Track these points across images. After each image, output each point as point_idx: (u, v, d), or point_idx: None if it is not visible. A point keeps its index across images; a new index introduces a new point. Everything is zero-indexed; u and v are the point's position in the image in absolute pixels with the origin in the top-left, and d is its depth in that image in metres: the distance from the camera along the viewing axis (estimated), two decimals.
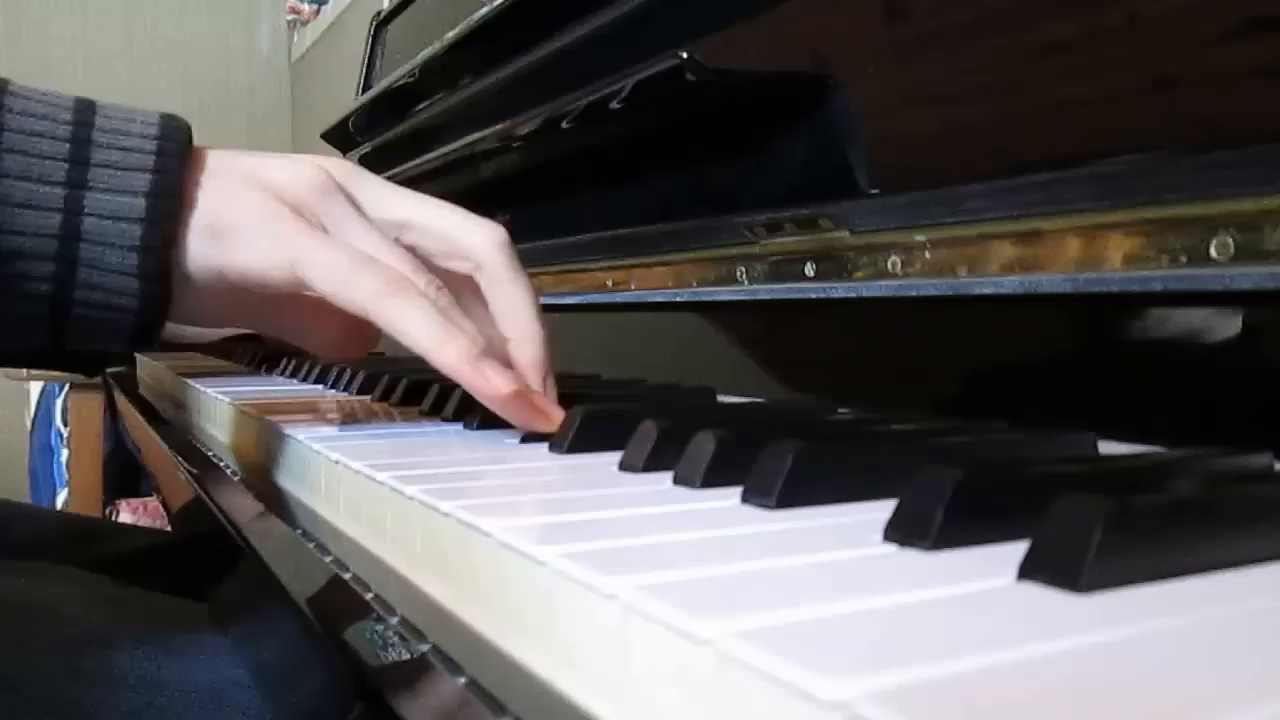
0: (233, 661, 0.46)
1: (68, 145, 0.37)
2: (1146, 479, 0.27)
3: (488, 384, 0.38)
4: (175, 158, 0.38)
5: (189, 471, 0.56)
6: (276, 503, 0.45)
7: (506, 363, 0.42)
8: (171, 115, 0.41)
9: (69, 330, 0.38)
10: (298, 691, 0.36)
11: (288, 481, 0.45)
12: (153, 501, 1.69)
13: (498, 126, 0.72)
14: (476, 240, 0.43)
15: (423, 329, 0.38)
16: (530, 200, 0.82)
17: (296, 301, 0.43)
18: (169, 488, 0.69)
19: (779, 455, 0.27)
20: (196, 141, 0.42)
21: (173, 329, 0.42)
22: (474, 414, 0.46)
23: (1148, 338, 0.34)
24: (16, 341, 0.38)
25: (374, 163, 1.17)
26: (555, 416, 0.40)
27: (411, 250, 0.42)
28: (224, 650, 0.47)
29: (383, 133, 1.15)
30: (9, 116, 0.37)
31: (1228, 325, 0.32)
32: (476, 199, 0.89)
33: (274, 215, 0.39)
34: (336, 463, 0.37)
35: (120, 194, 0.37)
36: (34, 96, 0.38)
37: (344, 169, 0.43)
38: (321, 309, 0.42)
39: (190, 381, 0.77)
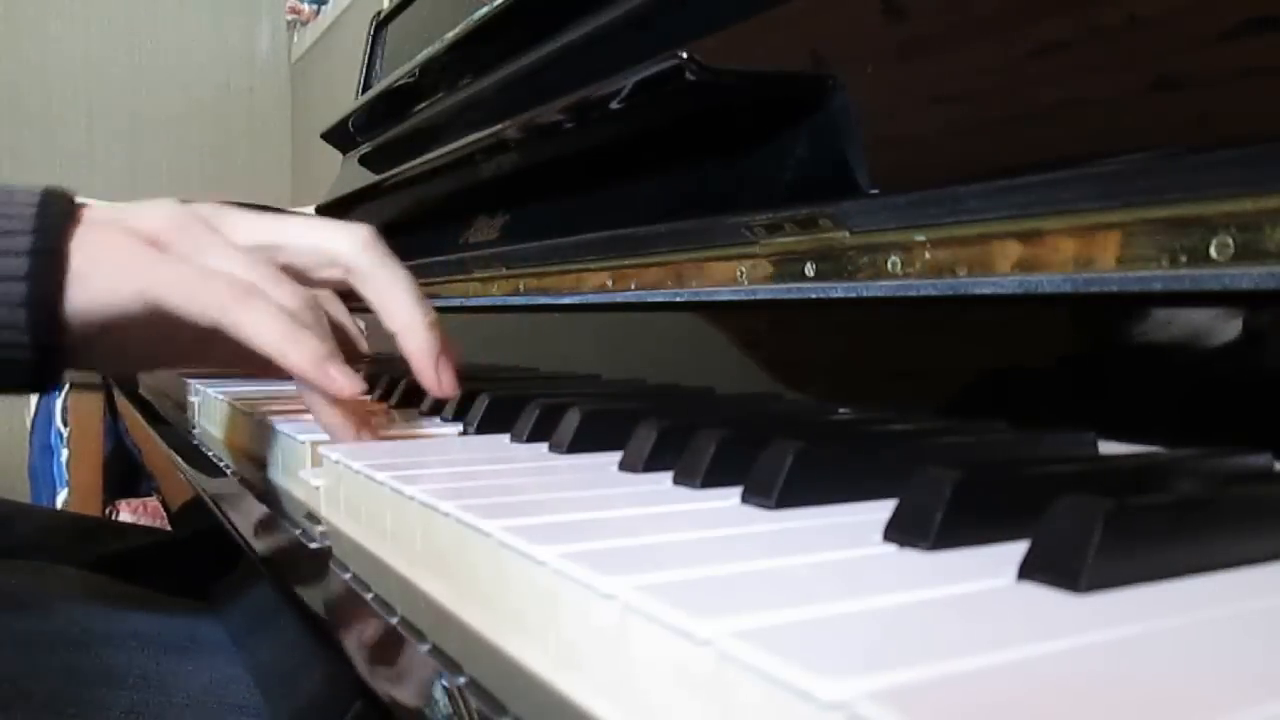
0: (232, 660, 0.46)
1: None
2: (1146, 479, 0.27)
3: (332, 383, 0.40)
4: (55, 218, 0.41)
5: (189, 471, 0.56)
6: (274, 501, 0.45)
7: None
8: (53, 188, 0.43)
9: None
10: (297, 690, 0.36)
11: (286, 480, 0.45)
12: (153, 501, 1.69)
13: (498, 126, 0.72)
14: (341, 246, 0.45)
15: (269, 333, 0.40)
16: (530, 200, 0.82)
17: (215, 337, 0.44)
18: (169, 488, 0.69)
19: (779, 455, 0.27)
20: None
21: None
22: (473, 414, 0.46)
23: (1147, 338, 0.34)
24: None
25: (374, 163, 1.17)
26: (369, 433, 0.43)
27: (285, 269, 0.44)
28: (223, 649, 0.47)
29: (383, 132, 1.15)
30: None
31: (1228, 325, 0.32)
32: (476, 199, 0.89)
33: (127, 249, 0.41)
34: (336, 463, 0.37)
35: (4, 256, 0.39)
36: None
37: (209, 207, 0.45)
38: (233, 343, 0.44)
39: (191, 381, 0.77)
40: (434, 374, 0.44)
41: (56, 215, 0.41)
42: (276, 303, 0.40)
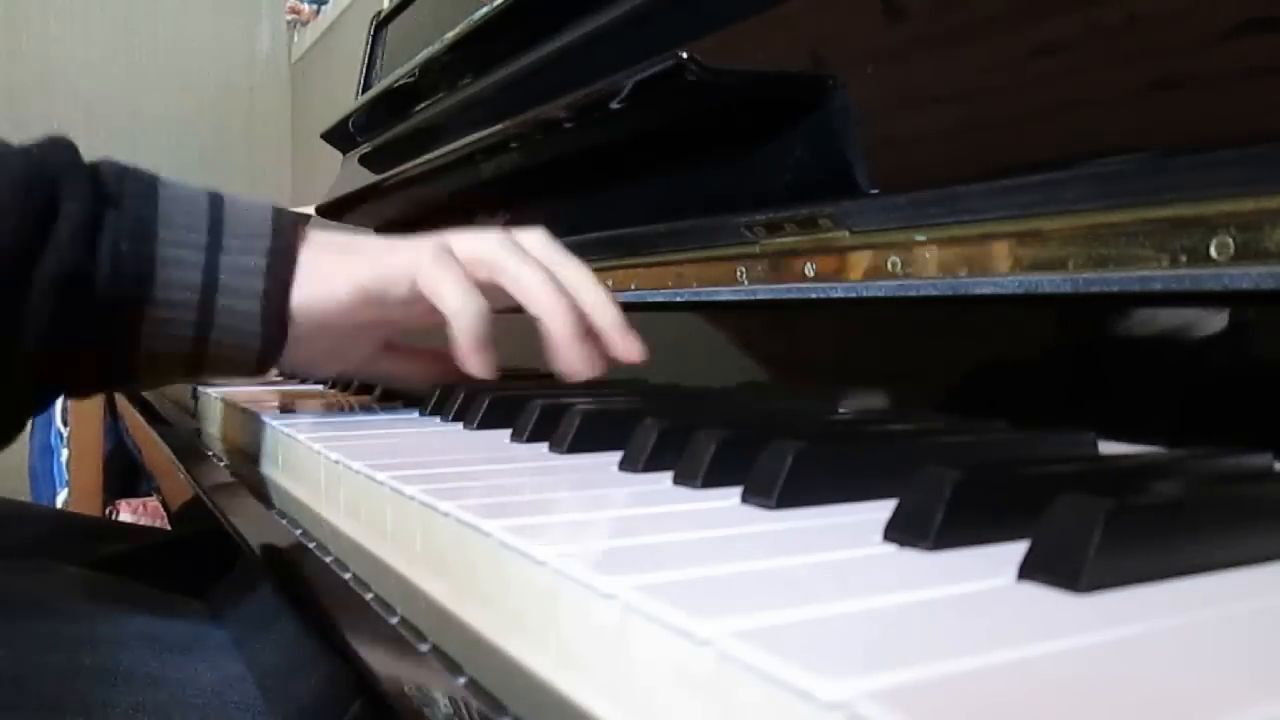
0: (233, 659, 0.46)
1: (207, 221, 0.46)
2: (1146, 479, 0.27)
3: (478, 366, 0.48)
4: (288, 229, 0.48)
5: (188, 471, 0.56)
6: (273, 503, 0.45)
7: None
8: (281, 208, 0.50)
9: (205, 367, 0.47)
10: (297, 688, 0.36)
11: (286, 480, 0.45)
12: (153, 501, 1.69)
13: (498, 126, 0.72)
14: (482, 247, 0.49)
15: (454, 295, 0.47)
16: (530, 200, 0.82)
17: (393, 348, 0.54)
18: (169, 488, 0.69)
19: (779, 455, 0.27)
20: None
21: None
22: (474, 414, 0.46)
23: (1147, 338, 0.34)
24: (162, 379, 0.48)
25: (374, 163, 1.17)
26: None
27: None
28: (224, 647, 0.47)
29: (383, 133, 1.15)
30: (163, 201, 0.46)
31: (1228, 325, 0.32)
32: (476, 199, 0.89)
33: (341, 258, 0.49)
34: (336, 462, 0.37)
35: (247, 254, 0.46)
36: (178, 187, 0.47)
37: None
38: (414, 352, 0.55)
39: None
40: (577, 356, 0.49)
41: (287, 227, 0.48)
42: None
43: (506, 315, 0.49)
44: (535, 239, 0.51)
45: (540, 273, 0.48)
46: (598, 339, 0.49)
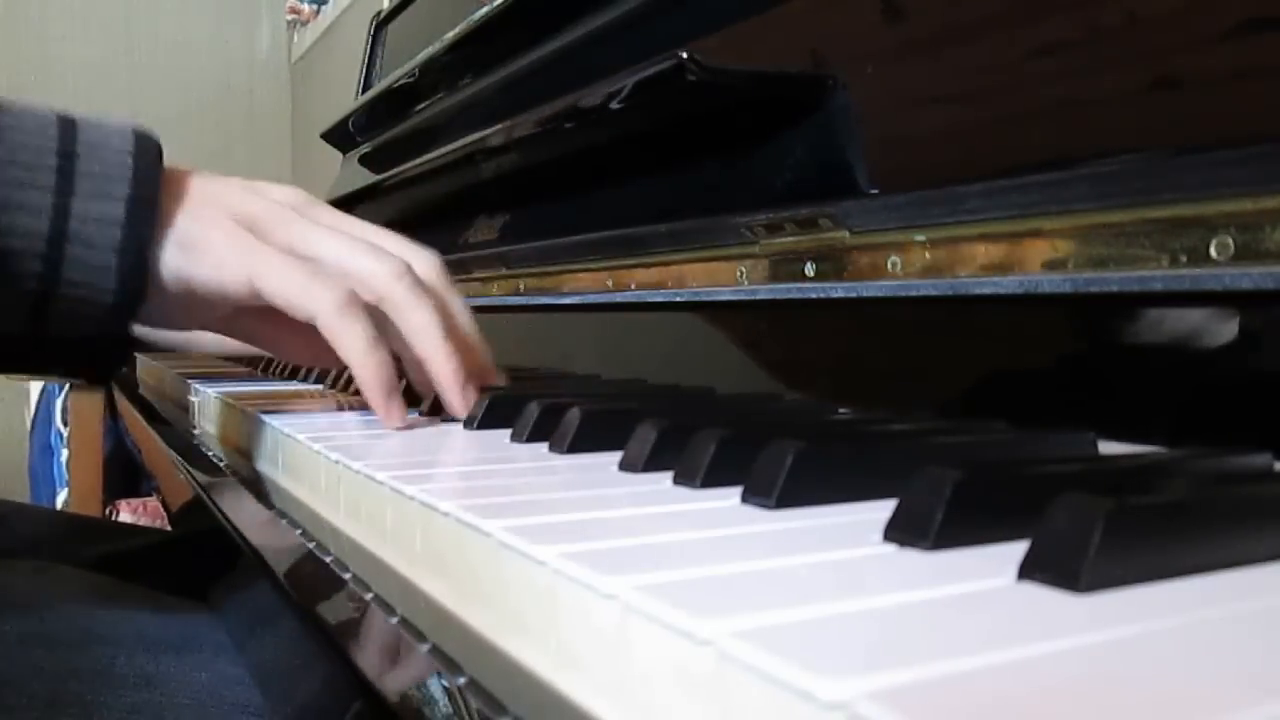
0: (232, 659, 0.46)
1: (55, 158, 0.41)
2: (1146, 479, 0.27)
3: (387, 415, 0.45)
4: (150, 170, 0.42)
5: (188, 470, 0.56)
6: (272, 503, 0.45)
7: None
8: (142, 130, 0.44)
9: (49, 319, 0.42)
10: (297, 689, 0.36)
11: (286, 480, 0.45)
12: (153, 501, 1.69)
13: (498, 126, 0.72)
14: (376, 276, 0.46)
15: (359, 348, 0.44)
16: (530, 200, 0.82)
17: (267, 312, 0.46)
18: (169, 488, 0.69)
19: (779, 455, 0.27)
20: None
21: (154, 334, 0.46)
22: (473, 414, 0.46)
23: (1147, 338, 0.34)
24: (3, 326, 0.42)
25: (374, 163, 1.17)
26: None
27: None
28: (224, 648, 0.47)
29: (383, 132, 1.15)
30: (5, 133, 0.40)
31: (1228, 325, 0.32)
32: (476, 199, 0.89)
33: (234, 234, 0.44)
34: (336, 462, 0.37)
35: (102, 200, 0.41)
36: (24, 113, 0.42)
37: (296, 196, 0.48)
38: (293, 320, 0.47)
39: (190, 381, 0.77)
40: (459, 398, 0.47)
41: (150, 166, 0.42)
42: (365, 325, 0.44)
43: (507, 315, 0.49)
44: (430, 268, 0.49)
45: (431, 315, 0.46)
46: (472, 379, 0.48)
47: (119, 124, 0.44)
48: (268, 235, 0.45)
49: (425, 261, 0.49)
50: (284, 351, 0.53)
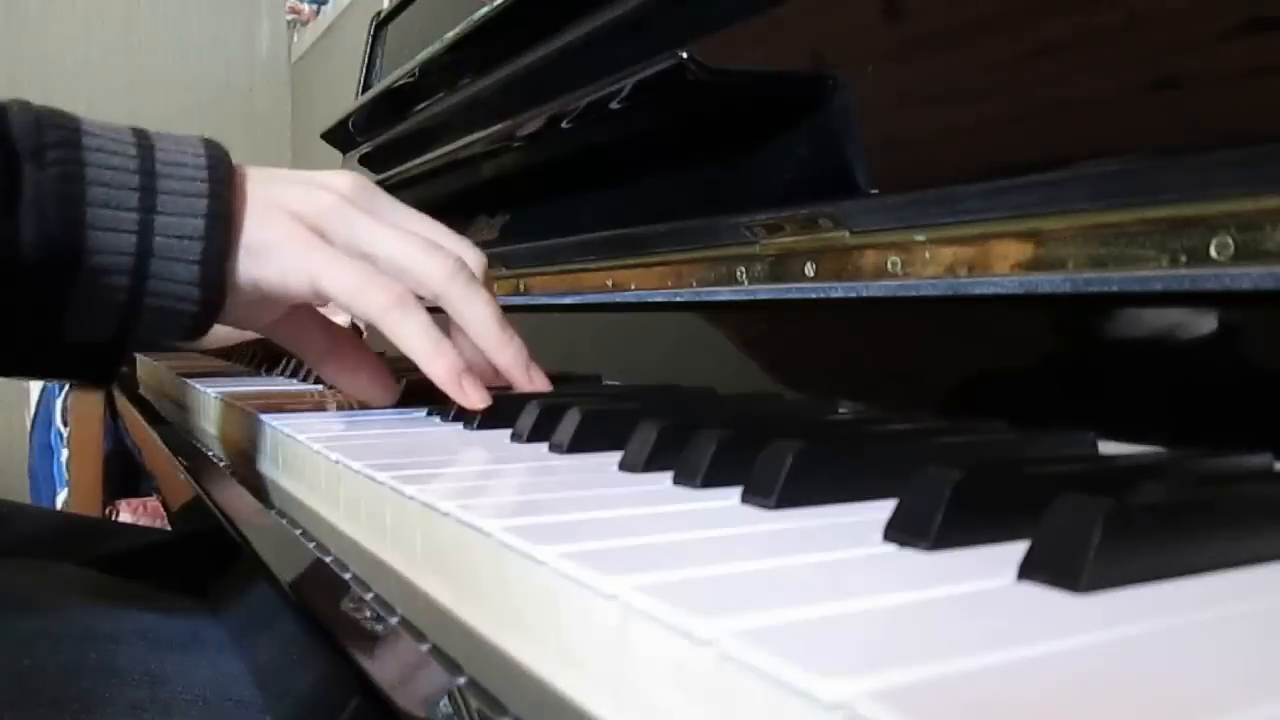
0: (232, 657, 0.46)
1: (138, 177, 0.43)
2: (1146, 479, 0.27)
3: (465, 398, 0.46)
4: (224, 184, 0.45)
5: (188, 470, 0.56)
6: (272, 502, 0.45)
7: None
8: (213, 143, 0.47)
9: (135, 329, 0.45)
10: (296, 687, 0.36)
11: (286, 480, 0.45)
12: (153, 501, 1.69)
13: (498, 126, 0.72)
14: (431, 275, 0.47)
15: (420, 341, 0.46)
16: (530, 200, 0.82)
17: (298, 314, 0.50)
18: (169, 487, 0.69)
19: (779, 455, 0.27)
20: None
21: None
22: (474, 414, 0.46)
23: (1147, 338, 0.34)
24: (89, 335, 0.45)
25: (374, 162, 1.17)
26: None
27: None
28: (224, 646, 0.47)
29: (383, 132, 1.15)
30: (87, 154, 0.43)
31: (1228, 325, 0.32)
32: (476, 199, 0.89)
33: (296, 235, 0.46)
34: (336, 462, 0.37)
35: (183, 217, 0.44)
36: (103, 134, 0.44)
37: (354, 186, 0.49)
38: (313, 324, 0.51)
39: (190, 381, 0.77)
40: (526, 379, 0.50)
41: (224, 180, 0.45)
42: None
43: (507, 315, 0.49)
44: (479, 262, 0.50)
45: (487, 307, 0.48)
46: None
47: (190, 139, 0.46)
48: (328, 234, 0.47)
49: (475, 256, 0.50)
50: (309, 354, 0.54)
